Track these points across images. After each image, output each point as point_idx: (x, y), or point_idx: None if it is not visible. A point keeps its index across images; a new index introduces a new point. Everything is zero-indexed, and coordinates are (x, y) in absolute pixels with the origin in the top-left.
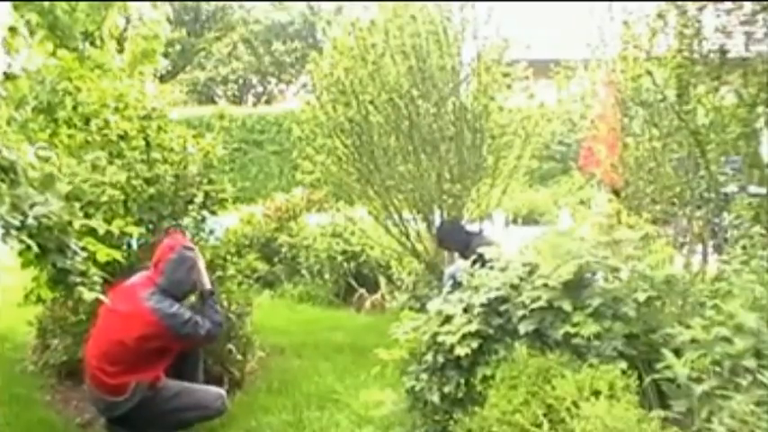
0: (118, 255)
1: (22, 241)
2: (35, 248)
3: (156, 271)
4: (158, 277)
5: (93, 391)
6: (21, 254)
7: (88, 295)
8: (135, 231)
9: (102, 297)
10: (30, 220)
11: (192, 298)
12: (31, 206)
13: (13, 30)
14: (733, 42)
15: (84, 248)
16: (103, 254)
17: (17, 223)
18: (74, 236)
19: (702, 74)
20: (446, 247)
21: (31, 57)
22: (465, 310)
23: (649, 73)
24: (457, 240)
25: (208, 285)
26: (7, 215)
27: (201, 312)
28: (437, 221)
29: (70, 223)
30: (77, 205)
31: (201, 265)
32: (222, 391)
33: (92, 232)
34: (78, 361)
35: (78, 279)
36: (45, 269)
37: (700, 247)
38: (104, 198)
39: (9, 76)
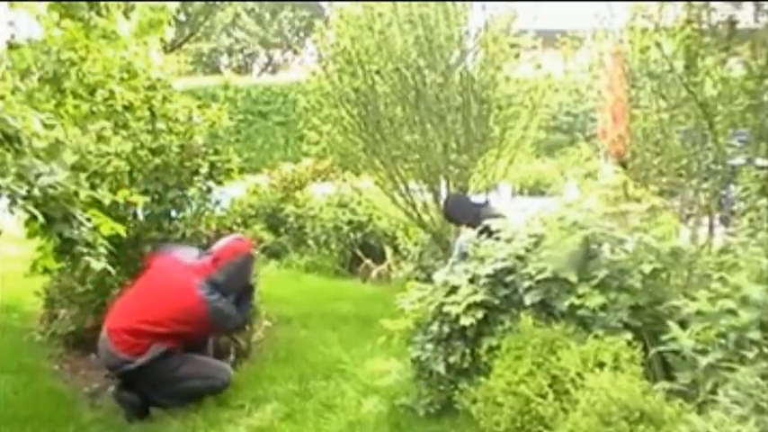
0: (122, 229)
1: (27, 211)
2: (41, 218)
3: (213, 265)
4: (215, 271)
5: (108, 346)
6: (27, 224)
7: (97, 265)
8: (140, 200)
9: (109, 268)
10: (35, 190)
11: None
12: (37, 176)
13: None
14: (742, 13)
15: (88, 220)
16: (107, 227)
17: (23, 193)
18: (79, 207)
19: (711, 45)
20: (455, 222)
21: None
22: (471, 281)
23: (657, 44)
24: (465, 212)
25: (251, 281)
26: (13, 185)
27: (237, 304)
28: (443, 192)
29: (76, 193)
30: (83, 176)
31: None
32: (227, 365)
33: (98, 203)
34: (86, 330)
35: (84, 249)
36: (51, 239)
37: (706, 220)
38: (110, 169)
39: (12, 46)
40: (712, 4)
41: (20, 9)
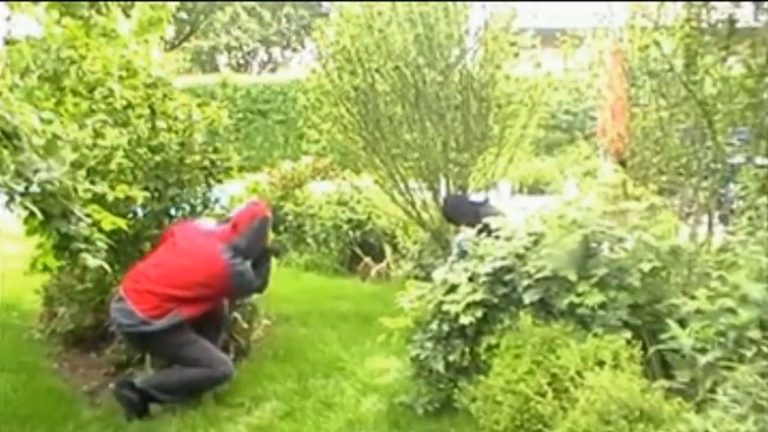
0: (122, 223)
1: (25, 207)
2: (39, 215)
3: (233, 230)
4: (236, 237)
5: (126, 304)
6: (26, 221)
7: (93, 262)
8: (139, 195)
9: (105, 265)
10: (33, 187)
11: None
12: (35, 172)
13: None
14: (741, 12)
15: (89, 216)
16: (108, 221)
17: (21, 189)
18: (79, 203)
19: (710, 44)
20: (454, 222)
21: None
22: (470, 280)
23: (657, 43)
24: (464, 213)
25: (267, 244)
26: (11, 181)
27: (255, 268)
28: (443, 190)
29: (75, 189)
30: (82, 172)
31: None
32: (229, 360)
33: (98, 201)
34: (85, 329)
35: (82, 245)
36: (50, 236)
37: (705, 218)
38: (112, 166)
39: (10, 42)
40: (712, 2)
41: (17, 7)
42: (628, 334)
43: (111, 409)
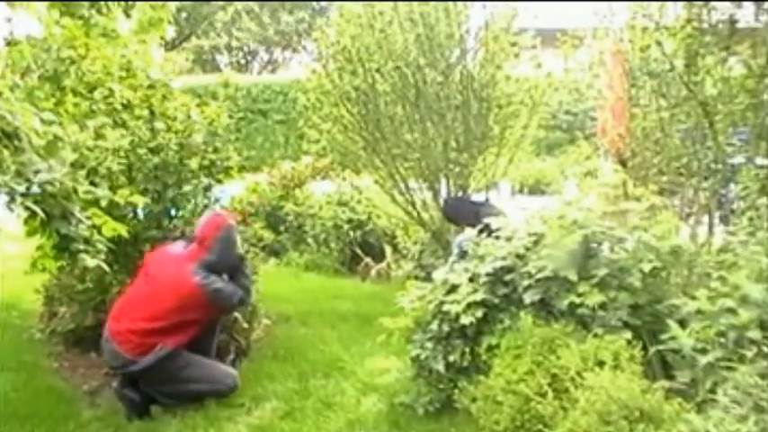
0: (123, 230)
1: (26, 208)
2: (40, 215)
3: (201, 247)
4: (204, 253)
5: (113, 346)
6: (26, 222)
7: (91, 262)
8: (140, 201)
9: (103, 265)
10: (34, 187)
11: None
12: (36, 173)
13: None
14: (742, 12)
15: (89, 218)
16: (109, 228)
17: (22, 190)
18: (79, 205)
19: (711, 44)
20: (455, 223)
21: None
22: (470, 280)
23: (658, 43)
24: (465, 214)
25: (240, 251)
26: (12, 182)
27: (233, 279)
28: (443, 191)
29: (75, 190)
30: (82, 173)
31: (236, 233)
32: (232, 370)
33: (97, 202)
34: (85, 328)
35: (82, 246)
36: (50, 237)
37: (706, 218)
38: (114, 167)
39: (10, 42)
40: (713, 3)
41: (19, 7)
42: (628, 334)
43: (112, 408)
